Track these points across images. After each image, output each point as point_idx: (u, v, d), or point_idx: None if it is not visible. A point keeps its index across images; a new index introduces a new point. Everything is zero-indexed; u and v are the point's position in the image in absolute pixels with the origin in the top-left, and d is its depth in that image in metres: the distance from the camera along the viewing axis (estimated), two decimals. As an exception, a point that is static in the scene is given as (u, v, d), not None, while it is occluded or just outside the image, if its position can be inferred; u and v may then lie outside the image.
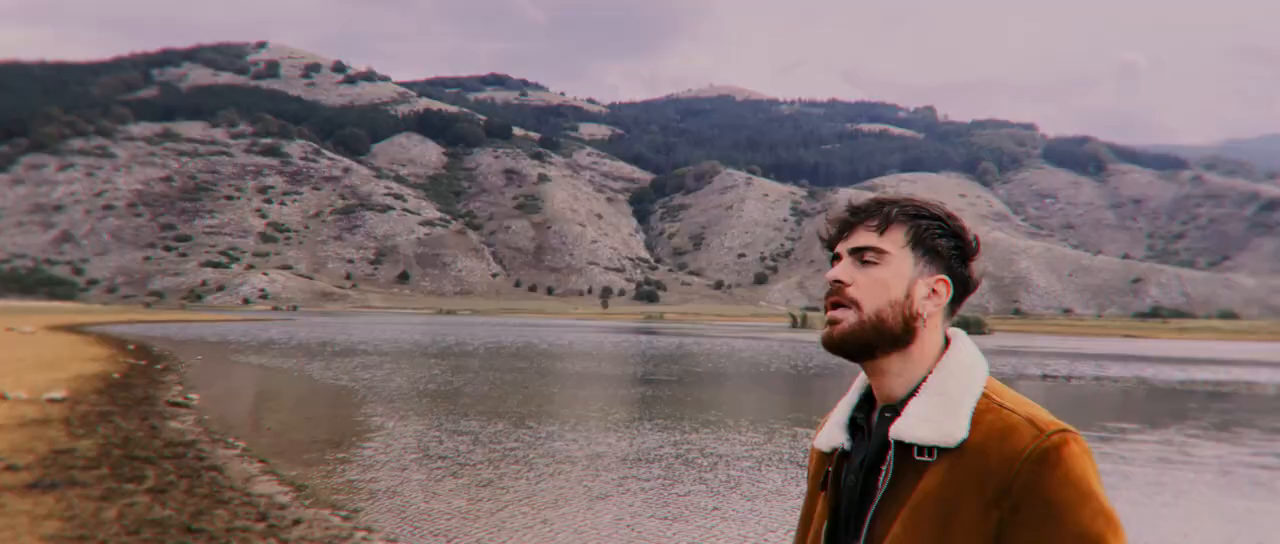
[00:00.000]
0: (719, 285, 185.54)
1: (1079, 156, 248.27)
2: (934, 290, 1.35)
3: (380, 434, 12.95)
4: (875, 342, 1.32)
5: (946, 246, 1.36)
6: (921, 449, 1.25)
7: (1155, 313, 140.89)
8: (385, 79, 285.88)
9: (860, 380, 1.42)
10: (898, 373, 1.34)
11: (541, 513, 8.36)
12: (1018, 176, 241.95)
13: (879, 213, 1.37)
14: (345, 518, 7.85)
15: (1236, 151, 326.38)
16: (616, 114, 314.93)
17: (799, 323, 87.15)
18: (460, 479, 9.85)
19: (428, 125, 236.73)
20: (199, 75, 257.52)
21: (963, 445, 1.24)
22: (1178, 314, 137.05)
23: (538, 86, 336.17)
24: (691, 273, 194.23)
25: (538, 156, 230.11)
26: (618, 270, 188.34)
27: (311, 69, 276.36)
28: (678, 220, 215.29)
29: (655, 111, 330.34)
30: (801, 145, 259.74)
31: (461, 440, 12.41)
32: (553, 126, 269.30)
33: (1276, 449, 13.14)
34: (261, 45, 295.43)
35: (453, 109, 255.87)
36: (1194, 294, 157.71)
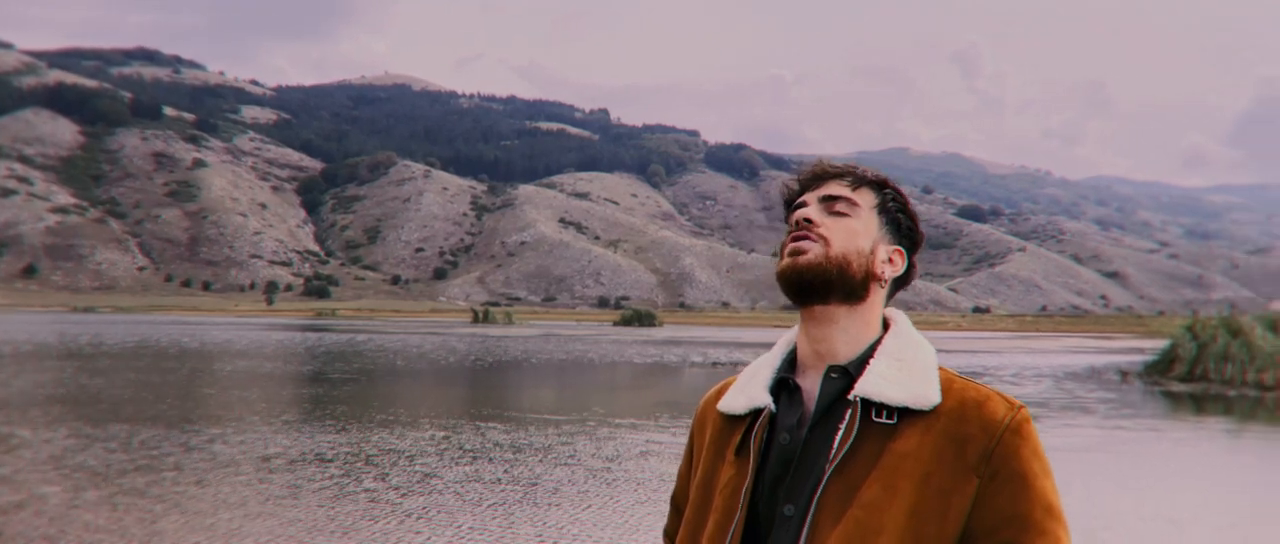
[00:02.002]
0: (396, 280, 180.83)
1: (736, 163, 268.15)
2: (891, 259, 1.34)
3: (1, 445, 11.21)
4: (836, 283, 1.29)
5: (906, 224, 1.37)
6: (878, 411, 1.23)
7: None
8: (8, 46, 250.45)
9: (784, 343, 1.39)
10: (845, 329, 1.30)
11: (202, 520, 7.57)
12: (683, 179, 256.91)
13: (852, 173, 1.38)
14: (-42, 543, 6.66)
15: (866, 162, 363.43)
16: (283, 98, 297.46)
17: (481, 318, 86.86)
18: (105, 490, 8.72)
19: (60, 100, 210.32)
20: None
21: (936, 410, 1.22)
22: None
23: (194, 64, 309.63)
24: (366, 267, 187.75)
25: (193, 140, 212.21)
26: (284, 264, 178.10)
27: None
28: (351, 212, 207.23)
29: (326, 97, 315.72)
30: (481, 140, 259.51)
31: (105, 448, 11.03)
32: (211, 108, 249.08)
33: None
34: None
35: (92, 84, 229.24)
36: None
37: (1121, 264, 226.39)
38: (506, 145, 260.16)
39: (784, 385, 1.31)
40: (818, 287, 1.29)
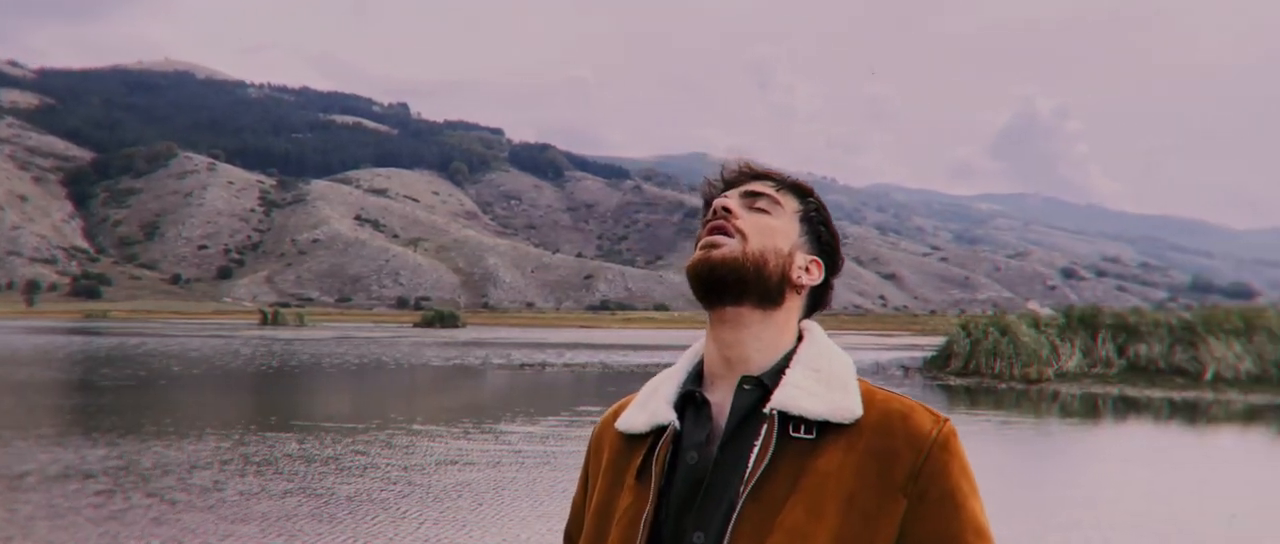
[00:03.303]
0: (176, 280, 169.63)
1: (540, 162, 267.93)
2: (809, 268, 1.24)
3: None
4: (751, 281, 1.18)
5: (826, 238, 1.28)
6: (796, 426, 1.12)
7: (604, 305, 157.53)
8: None
9: (690, 355, 1.27)
10: (757, 335, 1.19)
11: (-64, 554, 6.66)
12: (486, 178, 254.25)
13: (777, 176, 1.28)
14: None
15: (667, 166, 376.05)
16: (47, 82, 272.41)
17: (270, 319, 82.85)
18: None
19: None
20: None
21: (858, 425, 1.12)
22: (623, 306, 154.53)
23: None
24: (143, 266, 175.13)
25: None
26: (48, 262, 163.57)
27: None
28: (126, 206, 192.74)
29: (97, 83, 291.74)
30: (271, 132, 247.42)
31: None
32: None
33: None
34: None
35: None
36: (635, 289, 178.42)
37: (898, 266, 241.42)
38: (298, 138, 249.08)
39: (690, 400, 1.19)
40: (732, 283, 1.18)
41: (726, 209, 1.21)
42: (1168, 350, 22.83)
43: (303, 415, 15.82)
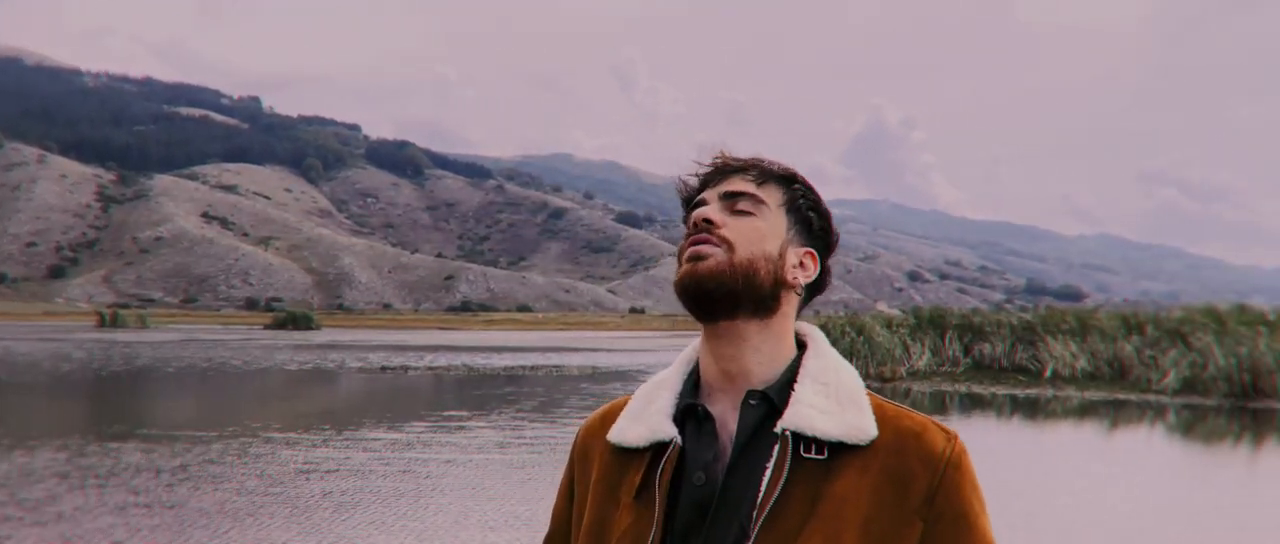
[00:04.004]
0: (1, 279, 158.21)
1: (399, 160, 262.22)
2: (802, 263, 1.16)
3: None
4: (742, 293, 1.10)
5: (817, 224, 1.19)
6: (808, 446, 1.05)
7: (466, 307, 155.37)
8: None
9: (683, 361, 1.19)
10: (757, 347, 1.12)
11: None
12: (342, 175, 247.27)
13: (757, 167, 1.19)
14: None
15: (530, 167, 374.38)
16: None
17: (109, 321, 78.26)
18: None
19: None
20: None
21: (873, 445, 1.06)
22: (485, 308, 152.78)
23: None
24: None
25: None
26: None
27: None
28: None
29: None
30: (110, 124, 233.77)
31: None
32: None
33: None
34: None
35: None
36: (497, 290, 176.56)
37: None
38: (140, 131, 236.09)
39: (691, 413, 1.11)
40: (722, 298, 1.10)
41: (708, 221, 1.13)
42: (1010, 350, 24.07)
43: (148, 423, 14.95)
